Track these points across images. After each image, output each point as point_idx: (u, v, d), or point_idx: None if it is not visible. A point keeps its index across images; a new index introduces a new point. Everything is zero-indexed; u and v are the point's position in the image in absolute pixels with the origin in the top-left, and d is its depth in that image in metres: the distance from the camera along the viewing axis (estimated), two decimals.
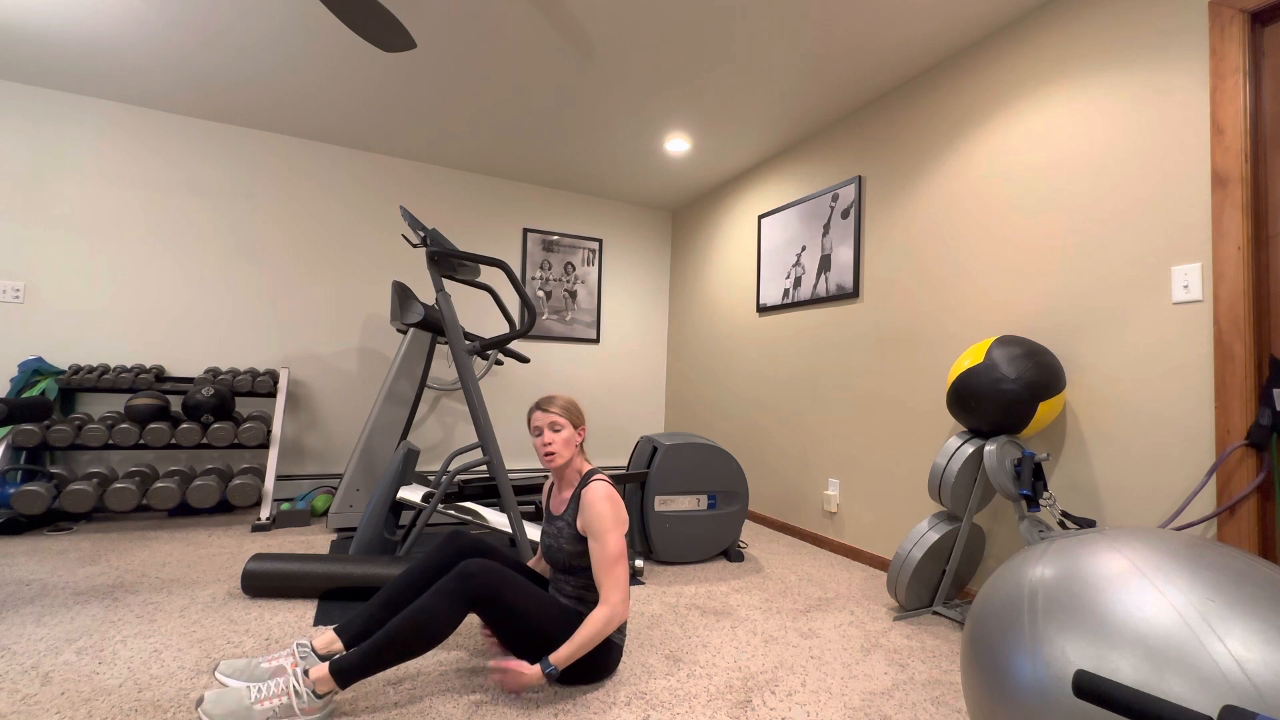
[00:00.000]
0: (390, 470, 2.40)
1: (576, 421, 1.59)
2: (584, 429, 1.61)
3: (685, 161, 3.60)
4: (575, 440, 1.58)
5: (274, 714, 1.20)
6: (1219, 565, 0.88)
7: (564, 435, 1.56)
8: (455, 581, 1.35)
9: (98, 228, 3.03)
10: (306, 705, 1.22)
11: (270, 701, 1.20)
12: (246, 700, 1.20)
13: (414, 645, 1.29)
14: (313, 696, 1.23)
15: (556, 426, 1.56)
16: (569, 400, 1.61)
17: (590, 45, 2.42)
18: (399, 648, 1.28)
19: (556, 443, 1.55)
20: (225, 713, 1.18)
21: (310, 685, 1.23)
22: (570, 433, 1.57)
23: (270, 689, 1.23)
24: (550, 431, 1.56)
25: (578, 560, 1.51)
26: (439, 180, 3.81)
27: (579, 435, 1.59)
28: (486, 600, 1.35)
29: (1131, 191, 1.79)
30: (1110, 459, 1.81)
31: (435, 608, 1.31)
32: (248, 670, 1.39)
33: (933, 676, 1.59)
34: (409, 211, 2.30)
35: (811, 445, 3.02)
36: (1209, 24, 1.63)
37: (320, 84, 2.80)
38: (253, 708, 1.19)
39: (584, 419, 1.63)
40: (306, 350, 3.44)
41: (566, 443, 1.56)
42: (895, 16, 2.16)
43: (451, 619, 1.33)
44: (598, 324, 4.32)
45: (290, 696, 1.21)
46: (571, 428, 1.57)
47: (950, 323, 2.34)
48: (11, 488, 2.56)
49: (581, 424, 1.60)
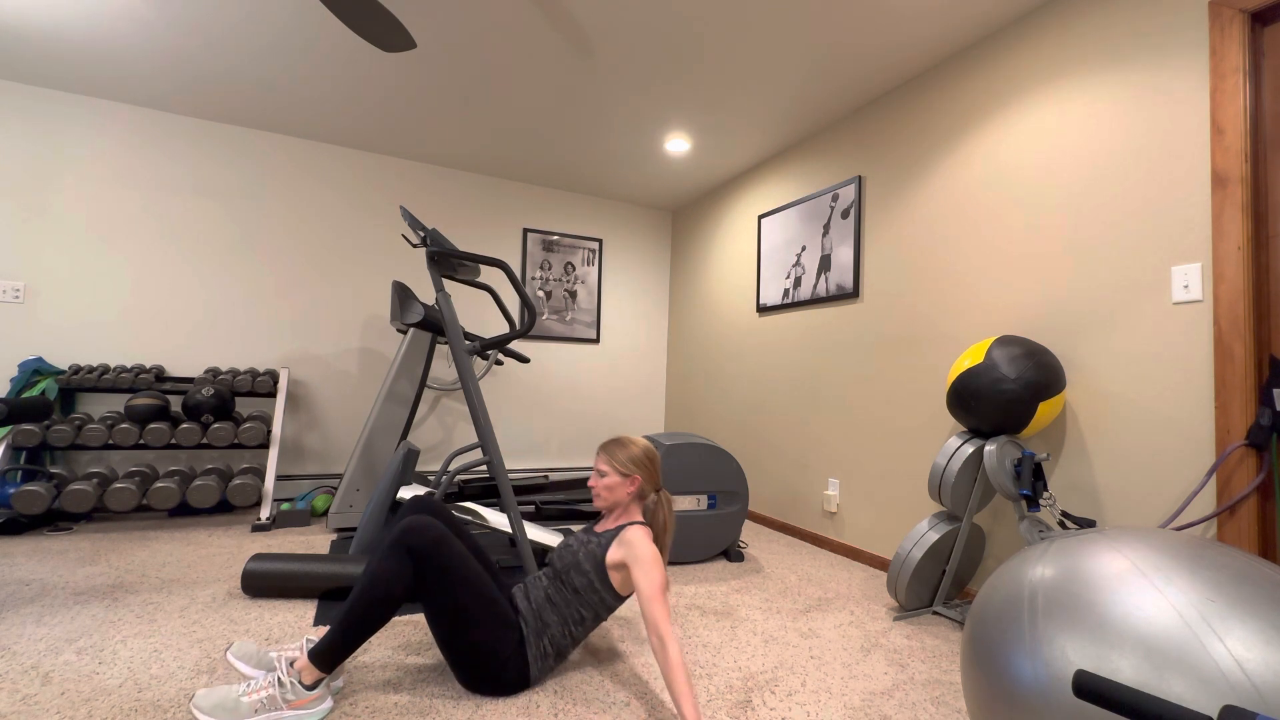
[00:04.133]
0: (390, 470, 2.40)
1: (627, 472, 1.57)
2: (638, 480, 1.58)
3: (685, 161, 3.60)
4: (624, 489, 1.57)
5: (261, 705, 1.22)
6: (1219, 565, 0.88)
7: (606, 482, 1.58)
8: (394, 534, 1.34)
9: (98, 228, 3.03)
10: (292, 697, 1.24)
11: (257, 694, 1.23)
12: (235, 693, 1.23)
13: (370, 611, 1.28)
14: (299, 687, 1.24)
15: (602, 472, 1.59)
16: (632, 452, 1.59)
17: (590, 45, 2.42)
18: (358, 616, 1.28)
19: (598, 486, 1.59)
20: (213, 705, 1.21)
21: (295, 675, 1.25)
22: (615, 481, 1.57)
23: (258, 682, 1.25)
24: (596, 475, 1.60)
25: (581, 578, 1.48)
26: (439, 180, 3.81)
27: (629, 485, 1.57)
28: (424, 552, 1.32)
29: (1131, 191, 1.79)
30: (1110, 459, 1.81)
31: (378, 567, 1.31)
32: (255, 656, 1.43)
33: (933, 676, 1.59)
34: (409, 211, 2.30)
35: (811, 445, 3.02)
36: (1209, 24, 1.63)
37: (320, 84, 2.80)
38: (240, 700, 1.22)
39: (649, 473, 1.59)
40: (306, 350, 3.44)
41: (608, 488, 1.58)
42: (895, 16, 2.16)
43: (397, 574, 1.30)
44: (598, 324, 4.32)
45: (275, 688, 1.24)
46: (619, 477, 1.57)
47: (950, 323, 2.34)
48: (11, 488, 2.56)
49: (635, 476, 1.57)
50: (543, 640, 1.44)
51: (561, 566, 1.52)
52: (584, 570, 1.48)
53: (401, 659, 1.58)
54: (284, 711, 1.23)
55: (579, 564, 1.49)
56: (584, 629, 1.50)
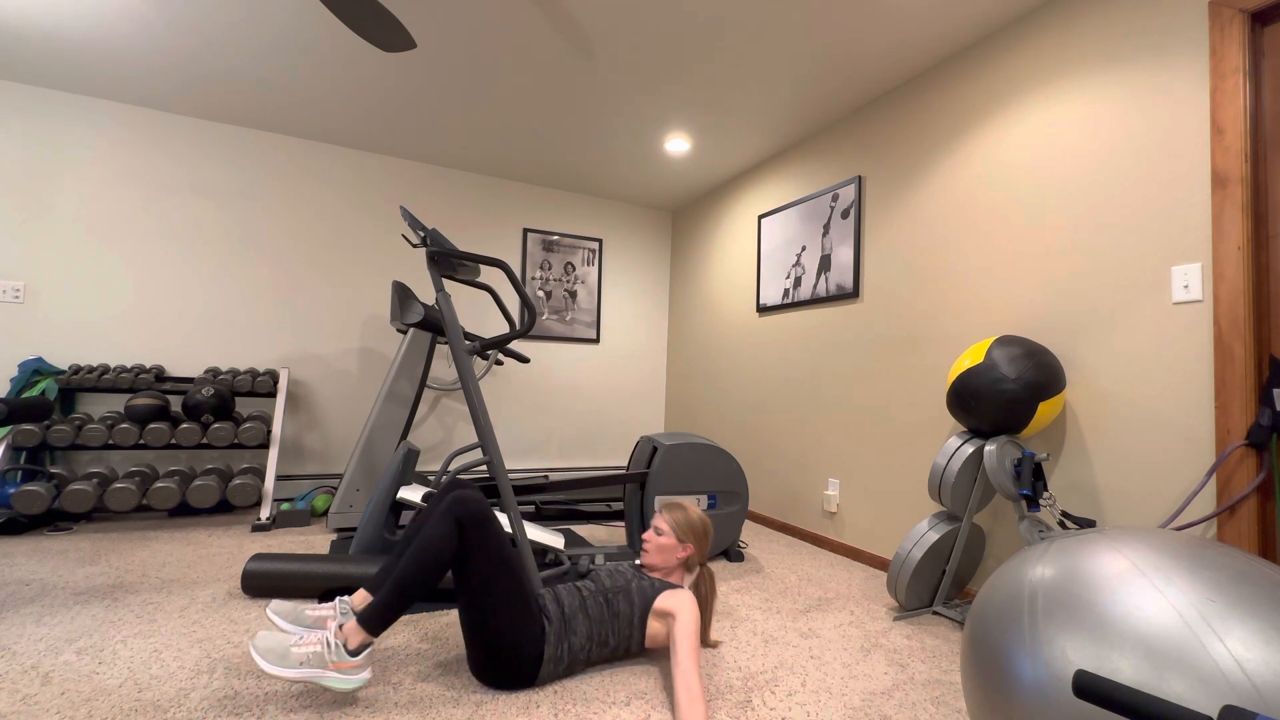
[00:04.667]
0: (390, 470, 2.40)
1: (683, 539, 1.65)
2: (690, 550, 1.65)
3: (685, 161, 3.60)
4: (676, 553, 1.65)
5: (307, 659, 1.27)
6: (1219, 565, 0.88)
7: (662, 541, 1.65)
8: (445, 504, 1.41)
9: (98, 228, 3.03)
10: (336, 659, 1.29)
11: (307, 647, 1.28)
12: (288, 643, 1.29)
13: (421, 573, 1.33)
14: (342, 650, 1.29)
15: (660, 530, 1.66)
16: (692, 520, 1.67)
17: (590, 45, 2.42)
18: (409, 578, 1.33)
19: (653, 543, 1.65)
20: (267, 648, 1.28)
21: (342, 639, 1.30)
22: (671, 543, 1.65)
23: (310, 636, 1.31)
24: (653, 531, 1.66)
25: (626, 605, 1.53)
26: (439, 180, 3.81)
27: (681, 551, 1.64)
28: (472, 521, 1.39)
29: (1131, 191, 1.79)
30: (1110, 459, 1.81)
31: (429, 533, 1.37)
32: (293, 613, 1.51)
33: (933, 676, 1.59)
34: (409, 211, 2.30)
35: (811, 445, 3.02)
36: (1209, 24, 1.63)
37: (320, 84, 2.80)
38: (290, 649, 1.28)
39: (701, 547, 1.67)
40: (306, 350, 3.44)
41: (661, 549, 1.64)
42: (895, 17, 2.16)
43: (446, 538, 1.36)
44: (598, 324, 4.32)
45: (323, 647, 1.29)
46: (675, 541, 1.65)
47: (950, 322, 2.34)
48: (11, 488, 2.56)
49: (689, 545, 1.65)
50: (562, 645, 1.46)
51: (612, 585, 1.57)
52: (632, 600, 1.55)
53: (402, 656, 1.58)
54: (327, 670, 1.28)
55: (629, 591, 1.56)
56: (603, 653, 1.53)
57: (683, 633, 1.42)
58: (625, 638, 1.53)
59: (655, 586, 1.58)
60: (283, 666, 1.25)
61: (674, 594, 1.53)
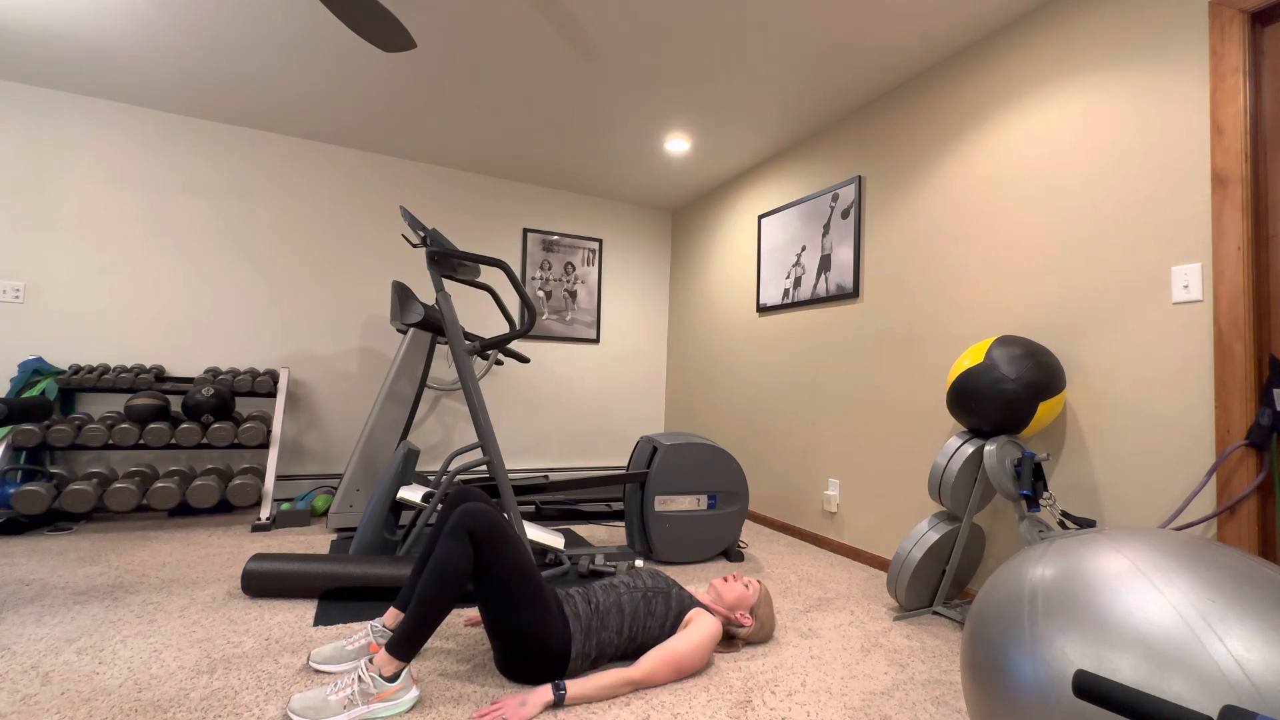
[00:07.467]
0: (390, 470, 2.40)
1: (754, 611, 1.73)
2: (750, 622, 1.71)
3: (685, 161, 3.60)
4: (738, 610, 1.71)
5: (349, 700, 1.27)
6: (1219, 565, 0.88)
7: (742, 592, 1.72)
8: (454, 518, 1.40)
9: (98, 228, 3.03)
10: (375, 691, 1.29)
11: (344, 690, 1.29)
12: (325, 693, 1.29)
13: (441, 593, 1.33)
14: (380, 680, 1.29)
15: (747, 585, 1.76)
16: (770, 613, 1.76)
17: (590, 45, 2.42)
18: (430, 600, 1.33)
19: (738, 582, 1.74)
20: (305, 706, 1.26)
21: (375, 670, 1.30)
22: (746, 599, 1.73)
23: (345, 679, 1.31)
24: (742, 586, 1.74)
25: (663, 607, 1.59)
26: (439, 180, 3.81)
27: (743, 618, 1.70)
28: (482, 534, 1.38)
29: (1131, 191, 1.79)
30: (1110, 459, 1.81)
31: (443, 552, 1.36)
32: (336, 654, 1.50)
33: (933, 676, 1.59)
34: (409, 211, 2.30)
35: (811, 445, 3.02)
36: (1209, 24, 1.63)
37: (320, 84, 2.80)
38: (329, 699, 1.28)
39: (758, 631, 1.73)
40: (306, 350, 3.44)
41: (736, 593, 1.72)
42: (895, 16, 2.16)
43: (461, 555, 1.36)
44: (598, 324, 4.32)
45: (359, 684, 1.29)
46: (748, 607, 1.73)
47: (950, 322, 2.34)
48: (11, 488, 2.56)
49: (751, 621, 1.71)
50: (591, 641, 1.48)
51: (654, 586, 1.61)
52: (670, 604, 1.60)
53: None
54: (373, 704, 1.28)
55: (669, 596, 1.61)
56: (630, 648, 1.56)
57: (684, 637, 1.49)
58: (653, 638, 1.57)
59: (693, 600, 1.65)
60: (328, 718, 1.25)
61: (706, 614, 1.61)
